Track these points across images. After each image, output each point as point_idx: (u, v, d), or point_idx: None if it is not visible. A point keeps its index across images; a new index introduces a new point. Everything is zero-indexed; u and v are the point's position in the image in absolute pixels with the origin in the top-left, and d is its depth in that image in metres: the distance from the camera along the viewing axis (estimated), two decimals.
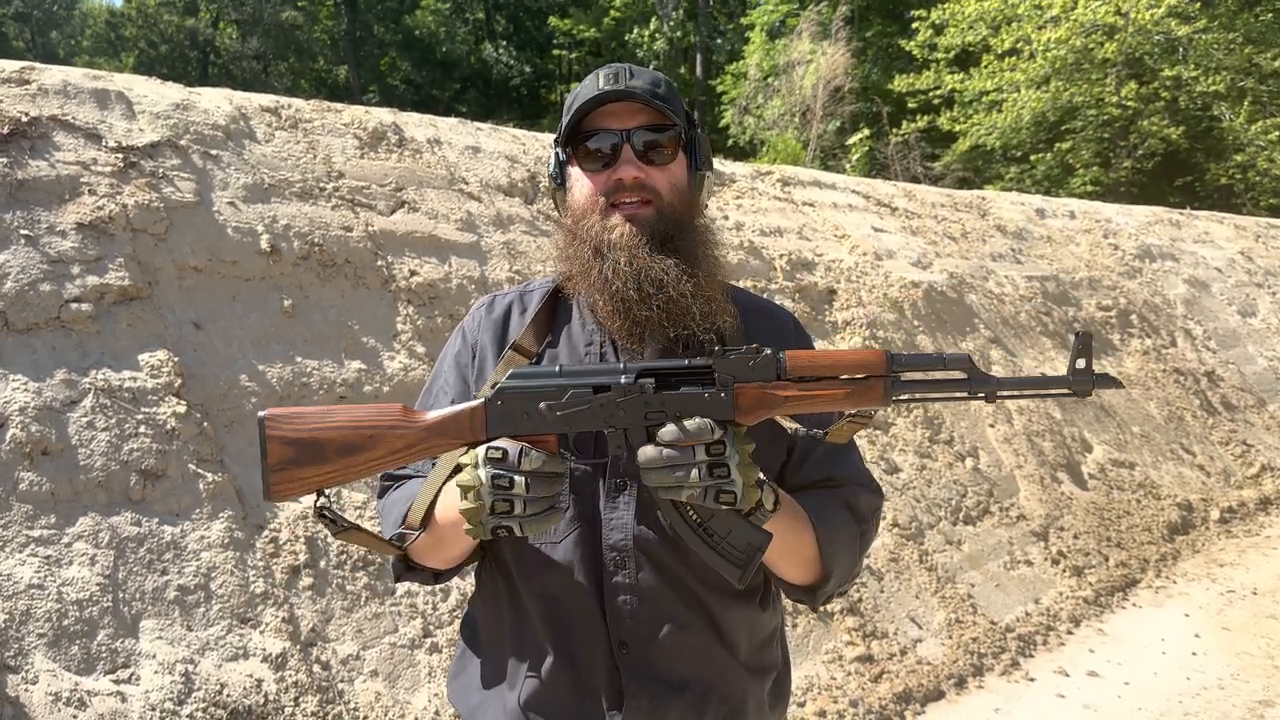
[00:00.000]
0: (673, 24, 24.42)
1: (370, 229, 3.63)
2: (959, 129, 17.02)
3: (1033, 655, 4.05)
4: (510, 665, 1.36)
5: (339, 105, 4.20)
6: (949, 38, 16.91)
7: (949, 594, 4.15)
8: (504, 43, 30.68)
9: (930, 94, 17.26)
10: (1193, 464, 6.30)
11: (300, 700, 2.52)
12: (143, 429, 2.68)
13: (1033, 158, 17.51)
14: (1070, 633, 4.28)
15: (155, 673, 2.36)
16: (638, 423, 1.17)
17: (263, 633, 2.58)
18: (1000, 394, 1.16)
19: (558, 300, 1.44)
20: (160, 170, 3.20)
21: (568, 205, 1.40)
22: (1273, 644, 4.24)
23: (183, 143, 3.34)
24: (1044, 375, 1.20)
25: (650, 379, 1.18)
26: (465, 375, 1.43)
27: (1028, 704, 3.65)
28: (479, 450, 1.15)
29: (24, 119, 3.01)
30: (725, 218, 5.36)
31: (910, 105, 17.58)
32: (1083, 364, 1.15)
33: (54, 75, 3.27)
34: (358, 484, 3.01)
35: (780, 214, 5.83)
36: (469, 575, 1.48)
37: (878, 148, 16.08)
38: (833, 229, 6.08)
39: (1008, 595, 4.37)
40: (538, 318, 1.41)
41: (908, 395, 1.18)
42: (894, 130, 16.47)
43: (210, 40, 31.30)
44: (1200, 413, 6.90)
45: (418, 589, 2.92)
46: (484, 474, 1.12)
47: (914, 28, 18.08)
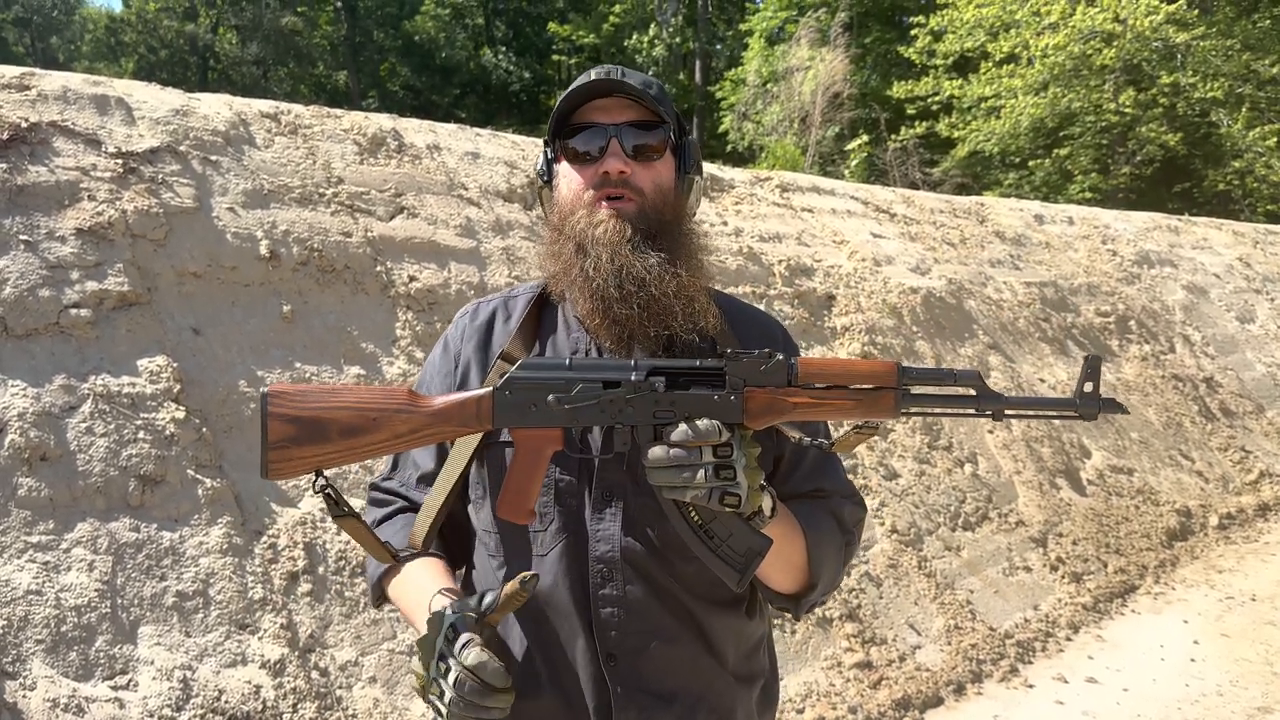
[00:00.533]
0: (672, 30, 24.49)
1: (369, 234, 3.64)
2: (957, 135, 17.06)
3: (1032, 662, 4.05)
4: None
5: (338, 111, 4.21)
6: (947, 44, 16.96)
7: (948, 600, 4.15)
8: (503, 48, 30.74)
9: (929, 100, 17.31)
10: (1191, 470, 6.30)
11: (299, 707, 2.51)
12: (141, 435, 2.68)
13: (1031, 164, 17.55)
14: (1069, 639, 4.27)
15: (153, 679, 2.36)
16: (646, 420, 1.16)
17: (261, 639, 2.58)
18: (1008, 413, 1.17)
19: (544, 306, 1.43)
20: (160, 176, 3.21)
21: (554, 203, 1.39)
22: (1271, 650, 4.24)
23: (182, 148, 3.35)
24: (1052, 397, 1.21)
25: (661, 377, 1.17)
26: (448, 386, 1.42)
27: (1027, 710, 3.65)
28: (446, 614, 1.16)
29: (24, 124, 3.01)
30: (724, 224, 5.37)
31: (909, 111, 17.63)
32: (1090, 387, 1.16)
33: (54, 81, 3.27)
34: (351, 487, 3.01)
35: (779, 220, 5.83)
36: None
37: (876, 154, 16.12)
38: (831, 235, 6.09)
39: (1007, 601, 4.37)
40: (524, 324, 1.39)
41: (916, 409, 1.18)
42: (892, 136, 16.51)
43: (210, 45, 31.33)
44: (1199, 419, 6.90)
45: None
46: (439, 644, 1.14)
47: (912, 34, 18.15)
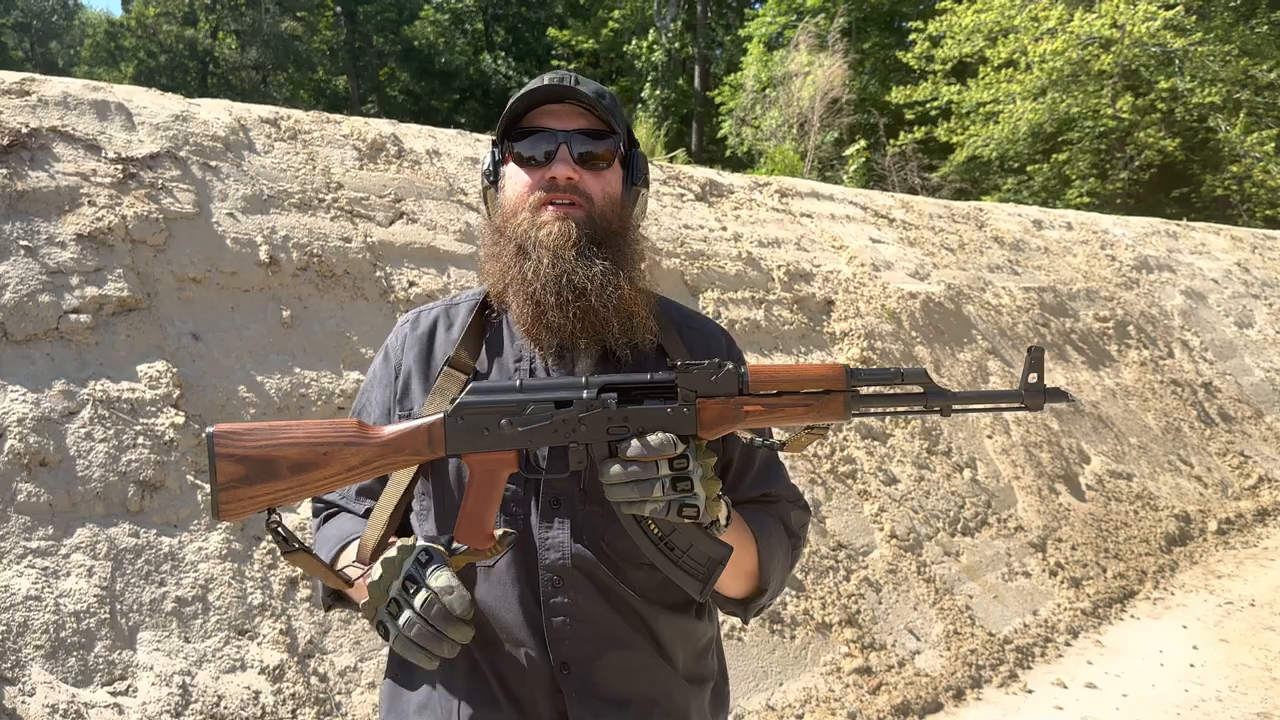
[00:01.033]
0: (671, 35, 24.50)
1: (369, 240, 3.64)
2: (956, 140, 17.08)
3: (1031, 667, 4.05)
4: (445, 694, 1.31)
5: (338, 116, 4.21)
6: (946, 49, 16.98)
7: (947, 605, 4.15)
8: (503, 54, 30.77)
9: (927, 105, 17.33)
10: (1190, 475, 6.31)
11: (298, 712, 2.51)
12: (141, 440, 2.68)
13: (1030, 169, 17.58)
14: (1068, 644, 4.27)
15: (152, 684, 2.36)
16: (600, 438, 1.16)
17: (260, 644, 2.58)
18: (955, 407, 1.19)
19: (486, 313, 1.41)
20: (159, 181, 3.21)
21: (498, 204, 1.38)
22: (1270, 656, 4.24)
23: (182, 154, 3.35)
24: (998, 390, 1.23)
25: (613, 394, 1.17)
26: (387, 398, 1.41)
27: (1026, 716, 3.65)
28: (418, 543, 1.15)
29: (24, 130, 3.01)
30: (724, 229, 5.38)
31: (907, 116, 17.66)
32: (1034, 378, 1.18)
33: (54, 86, 3.28)
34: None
35: (778, 225, 5.84)
36: None
37: (875, 159, 16.11)
38: (830, 240, 6.10)
39: (1006, 607, 4.37)
40: (468, 333, 1.38)
41: (866, 410, 1.19)
42: (891, 141, 16.52)
43: (209, 50, 31.38)
44: (1197, 424, 6.91)
45: None
46: (408, 564, 1.13)
47: (911, 40, 18.19)
